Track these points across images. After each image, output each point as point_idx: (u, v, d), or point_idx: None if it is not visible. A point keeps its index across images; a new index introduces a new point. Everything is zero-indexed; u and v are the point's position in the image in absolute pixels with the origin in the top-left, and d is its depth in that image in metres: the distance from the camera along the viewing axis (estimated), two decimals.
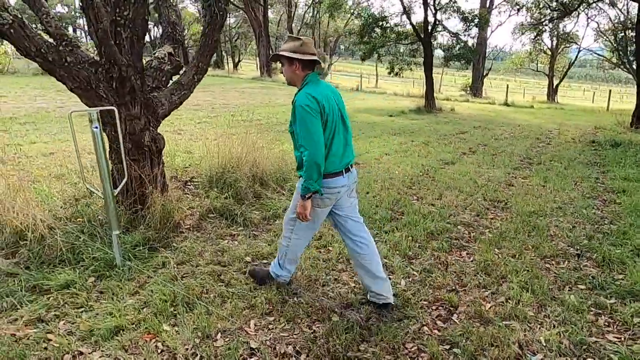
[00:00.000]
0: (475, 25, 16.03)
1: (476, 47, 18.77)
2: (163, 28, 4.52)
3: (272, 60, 2.64)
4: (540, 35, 24.19)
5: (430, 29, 15.19)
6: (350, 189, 2.58)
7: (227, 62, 38.54)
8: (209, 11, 4.15)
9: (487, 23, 18.28)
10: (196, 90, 4.31)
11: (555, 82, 27.74)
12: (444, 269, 3.26)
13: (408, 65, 17.09)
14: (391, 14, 16.17)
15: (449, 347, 2.36)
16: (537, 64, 32.41)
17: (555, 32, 26.33)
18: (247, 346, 2.29)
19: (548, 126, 12.74)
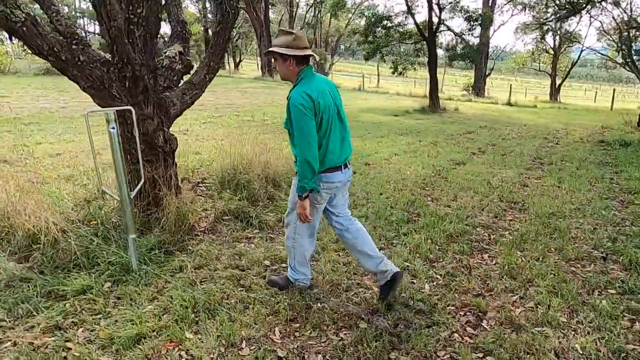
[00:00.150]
0: (479, 24, 15.96)
1: (479, 47, 18.70)
2: (172, 27, 4.44)
3: (266, 56, 2.60)
4: (545, 34, 24.12)
5: (434, 29, 15.10)
6: (344, 185, 2.60)
7: (228, 62, 38.42)
8: (220, 10, 4.07)
9: (491, 22, 18.22)
10: None
11: (558, 82, 27.65)
12: (467, 272, 3.17)
13: (412, 64, 17.02)
14: (395, 14, 16.00)
15: (482, 356, 2.27)
16: (539, 63, 32.32)
17: (559, 31, 26.25)
18: (275, 355, 2.20)
19: (554, 126, 12.66)
